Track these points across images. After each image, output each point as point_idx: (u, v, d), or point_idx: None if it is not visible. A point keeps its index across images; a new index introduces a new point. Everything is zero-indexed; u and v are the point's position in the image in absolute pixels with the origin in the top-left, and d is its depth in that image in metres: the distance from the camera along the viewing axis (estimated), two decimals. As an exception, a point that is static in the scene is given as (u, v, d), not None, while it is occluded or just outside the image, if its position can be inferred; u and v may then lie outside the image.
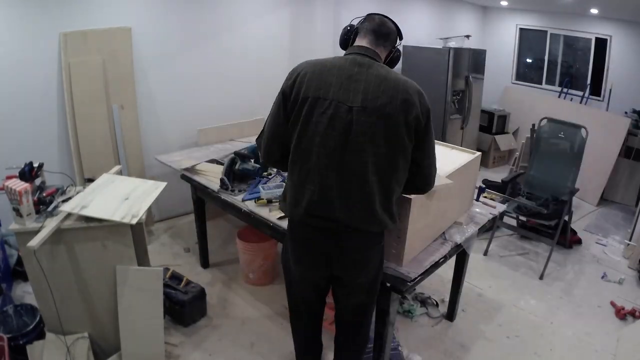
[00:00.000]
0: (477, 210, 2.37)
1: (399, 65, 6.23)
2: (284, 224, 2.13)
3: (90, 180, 2.29)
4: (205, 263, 3.16)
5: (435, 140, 1.63)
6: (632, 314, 2.80)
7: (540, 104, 5.71)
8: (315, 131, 1.45)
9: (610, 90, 5.57)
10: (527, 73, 6.69)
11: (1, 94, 2.81)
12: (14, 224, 1.85)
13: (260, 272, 2.94)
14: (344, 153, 1.44)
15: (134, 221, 1.85)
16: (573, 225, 3.78)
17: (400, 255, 1.78)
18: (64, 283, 1.96)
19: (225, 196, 2.48)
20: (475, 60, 5.32)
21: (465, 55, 5.13)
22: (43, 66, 2.94)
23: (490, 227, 3.41)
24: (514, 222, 3.80)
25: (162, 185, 2.19)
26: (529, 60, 6.67)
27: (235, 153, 2.64)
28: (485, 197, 2.64)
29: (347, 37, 1.60)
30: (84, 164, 3.15)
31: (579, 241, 3.78)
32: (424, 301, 2.83)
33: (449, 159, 2.18)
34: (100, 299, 2.04)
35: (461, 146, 2.56)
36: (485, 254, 3.54)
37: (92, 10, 3.06)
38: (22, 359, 2.00)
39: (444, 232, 2.11)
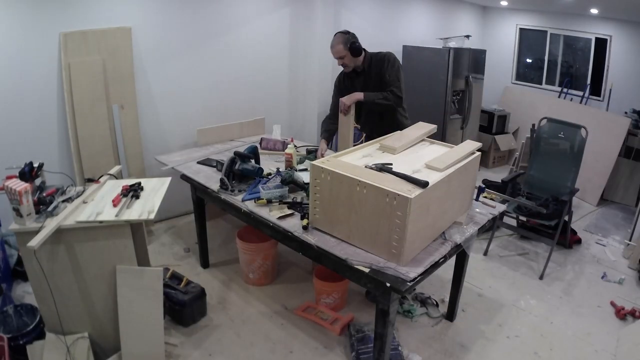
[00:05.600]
0: (477, 210, 2.37)
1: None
2: (284, 224, 2.14)
3: (90, 180, 2.29)
4: (205, 263, 3.17)
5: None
6: (632, 314, 2.80)
7: (540, 104, 5.71)
8: None
9: (610, 90, 5.57)
10: (527, 73, 6.68)
11: (1, 94, 2.81)
12: (14, 224, 1.85)
13: (260, 272, 2.95)
14: None
15: (152, 216, 1.92)
16: (573, 225, 3.78)
17: (400, 255, 1.78)
18: (64, 283, 1.96)
19: (225, 196, 2.48)
20: (475, 60, 5.32)
21: (465, 55, 5.13)
22: (43, 66, 2.94)
23: (490, 227, 3.41)
24: (514, 222, 3.80)
25: (167, 180, 2.21)
26: (528, 60, 6.67)
27: (235, 153, 2.63)
28: (485, 197, 2.63)
29: None
30: (84, 164, 3.14)
31: (579, 241, 3.78)
32: (424, 301, 2.83)
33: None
34: (100, 299, 2.04)
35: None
36: (485, 254, 3.54)
37: (92, 10, 3.07)
38: (22, 359, 2.01)
39: (443, 232, 2.10)
